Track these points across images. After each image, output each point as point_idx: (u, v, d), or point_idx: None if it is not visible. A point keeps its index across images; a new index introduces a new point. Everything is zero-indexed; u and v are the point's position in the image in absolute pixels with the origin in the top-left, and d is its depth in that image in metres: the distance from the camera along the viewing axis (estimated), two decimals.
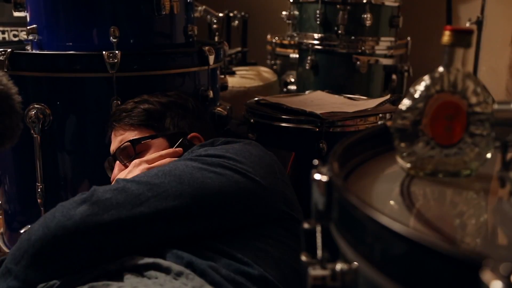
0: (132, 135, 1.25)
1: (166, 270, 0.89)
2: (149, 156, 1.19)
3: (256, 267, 0.94)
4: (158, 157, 1.18)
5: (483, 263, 0.35)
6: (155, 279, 0.88)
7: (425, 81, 0.64)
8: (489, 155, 0.65)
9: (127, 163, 1.22)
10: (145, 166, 1.15)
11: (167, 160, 1.16)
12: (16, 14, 1.49)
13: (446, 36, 0.63)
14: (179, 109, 1.29)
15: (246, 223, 1.01)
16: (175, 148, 1.21)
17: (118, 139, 1.26)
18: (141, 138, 1.23)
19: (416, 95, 0.64)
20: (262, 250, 0.99)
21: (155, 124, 1.26)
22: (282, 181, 1.07)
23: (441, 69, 0.64)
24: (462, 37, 0.63)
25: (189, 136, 1.25)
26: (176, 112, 1.28)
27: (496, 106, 0.63)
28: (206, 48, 1.48)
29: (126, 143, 1.23)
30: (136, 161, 1.17)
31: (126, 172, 1.15)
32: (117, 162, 1.25)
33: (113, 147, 1.27)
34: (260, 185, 1.01)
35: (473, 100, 0.63)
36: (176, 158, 1.13)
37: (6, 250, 1.50)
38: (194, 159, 1.02)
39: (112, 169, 1.28)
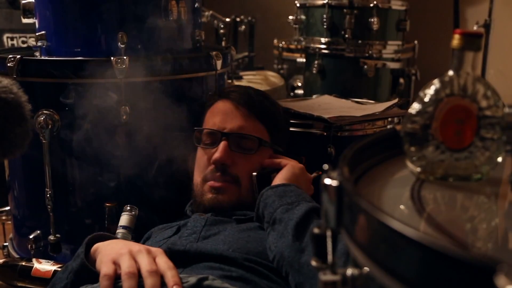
0: (260, 131, 1.19)
1: None
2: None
3: None
4: None
5: (497, 268, 0.35)
6: None
7: (435, 84, 0.64)
8: (500, 159, 0.64)
9: (238, 152, 1.16)
10: None
11: None
12: (25, 20, 1.50)
13: (456, 40, 0.62)
14: (287, 124, 1.22)
15: None
16: None
17: (244, 123, 1.18)
18: (270, 145, 1.16)
19: (426, 99, 0.63)
20: None
21: (276, 134, 1.18)
22: None
23: (451, 72, 0.64)
24: (472, 41, 0.63)
25: None
26: (287, 127, 1.20)
27: (507, 110, 0.62)
28: (214, 53, 1.48)
29: (254, 137, 1.16)
30: None
31: None
32: (226, 144, 1.15)
33: (232, 124, 1.18)
34: None
35: (484, 103, 0.62)
36: None
37: (16, 255, 1.50)
38: None
39: (212, 144, 1.18)
